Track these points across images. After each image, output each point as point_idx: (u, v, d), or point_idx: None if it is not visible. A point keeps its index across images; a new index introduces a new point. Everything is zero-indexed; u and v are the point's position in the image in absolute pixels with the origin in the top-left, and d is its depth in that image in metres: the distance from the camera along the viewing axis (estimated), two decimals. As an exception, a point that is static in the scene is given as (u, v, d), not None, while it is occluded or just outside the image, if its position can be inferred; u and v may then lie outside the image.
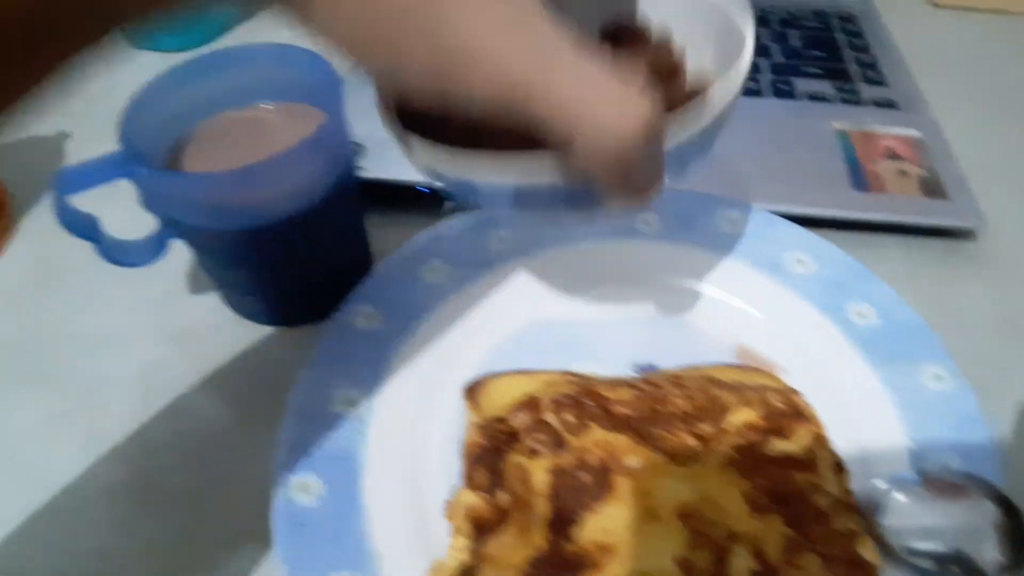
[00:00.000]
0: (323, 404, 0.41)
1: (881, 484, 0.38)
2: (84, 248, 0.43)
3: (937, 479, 0.38)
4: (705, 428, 0.38)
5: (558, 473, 0.37)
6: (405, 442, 0.40)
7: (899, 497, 0.38)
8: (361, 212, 0.49)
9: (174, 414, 0.45)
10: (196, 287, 0.51)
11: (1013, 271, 0.52)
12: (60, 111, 0.65)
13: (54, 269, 0.54)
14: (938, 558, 0.36)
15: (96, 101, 0.56)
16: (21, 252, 0.56)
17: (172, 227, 0.43)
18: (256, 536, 0.39)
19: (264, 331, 0.48)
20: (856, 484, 0.38)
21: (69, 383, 0.47)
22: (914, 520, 0.37)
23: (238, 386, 0.46)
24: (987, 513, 0.37)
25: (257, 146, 0.44)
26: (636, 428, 0.38)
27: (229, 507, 0.41)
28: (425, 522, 0.37)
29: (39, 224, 0.58)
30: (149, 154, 0.42)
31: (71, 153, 0.64)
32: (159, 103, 0.43)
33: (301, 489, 0.37)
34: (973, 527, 0.37)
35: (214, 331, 0.48)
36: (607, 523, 0.36)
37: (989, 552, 0.36)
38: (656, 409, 0.39)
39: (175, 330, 0.49)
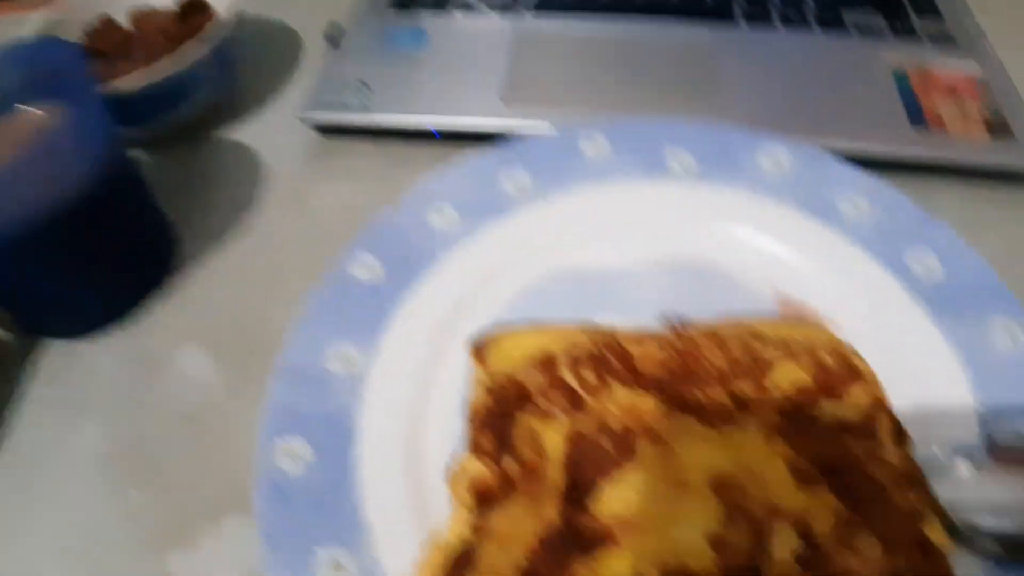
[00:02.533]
0: (315, 362, 0.37)
1: (942, 453, 0.34)
2: None
3: (1010, 450, 0.34)
4: (745, 388, 0.34)
5: (575, 438, 0.33)
6: (405, 403, 0.36)
7: (964, 468, 0.33)
8: (147, 195, 0.45)
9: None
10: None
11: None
12: None
13: None
14: (1007, 539, 0.31)
15: None
16: None
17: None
18: (241, 506, 0.36)
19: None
20: (922, 455, 0.33)
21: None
22: (981, 495, 0.32)
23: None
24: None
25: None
26: (665, 388, 0.34)
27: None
28: (424, 490, 0.34)
29: None
30: None
31: None
32: None
33: (287, 455, 0.34)
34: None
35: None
36: (628, 493, 0.31)
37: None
38: (688, 366, 0.34)
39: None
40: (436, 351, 0.38)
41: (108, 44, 0.54)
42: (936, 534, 0.30)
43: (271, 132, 0.54)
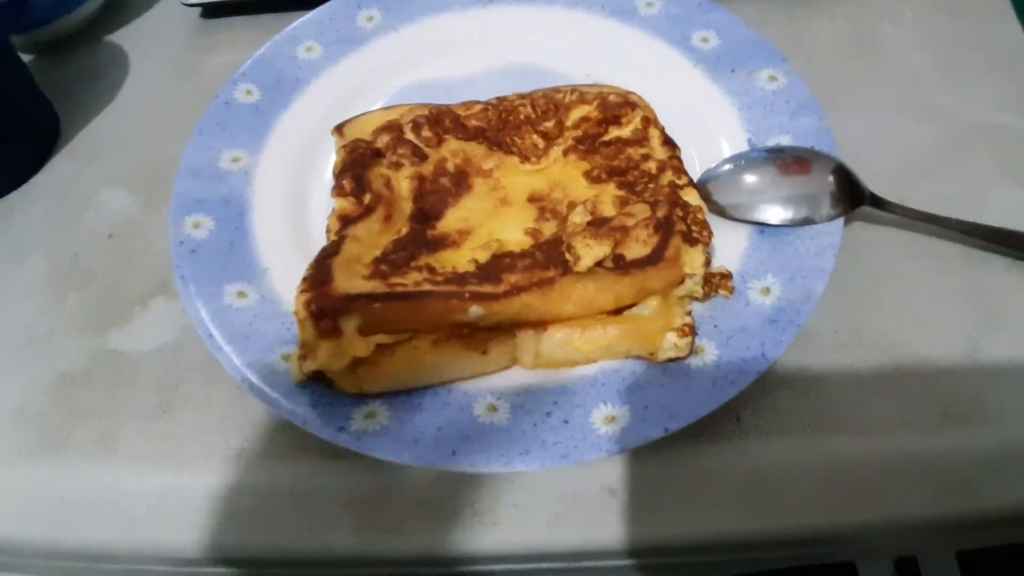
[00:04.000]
0: (210, 163, 0.44)
1: (725, 168, 0.43)
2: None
3: (781, 158, 0.43)
4: (548, 126, 0.43)
5: (419, 179, 0.41)
6: (290, 184, 0.45)
7: (741, 176, 0.42)
8: (24, 78, 0.52)
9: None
10: None
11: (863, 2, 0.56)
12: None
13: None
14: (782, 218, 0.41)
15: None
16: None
17: None
18: (165, 289, 0.44)
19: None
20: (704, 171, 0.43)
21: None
22: (756, 191, 0.42)
23: None
24: (824, 181, 0.42)
25: None
26: (488, 136, 0.43)
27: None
28: (309, 242, 0.42)
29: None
30: None
31: None
32: None
33: (193, 226, 0.42)
34: (809, 192, 0.41)
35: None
36: (464, 214, 0.40)
37: (821, 209, 0.41)
38: (505, 119, 0.43)
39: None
40: (313, 148, 0.46)
41: None
42: (691, 197, 0.39)
43: (160, 25, 0.61)
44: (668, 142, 0.42)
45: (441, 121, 0.43)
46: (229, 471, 0.38)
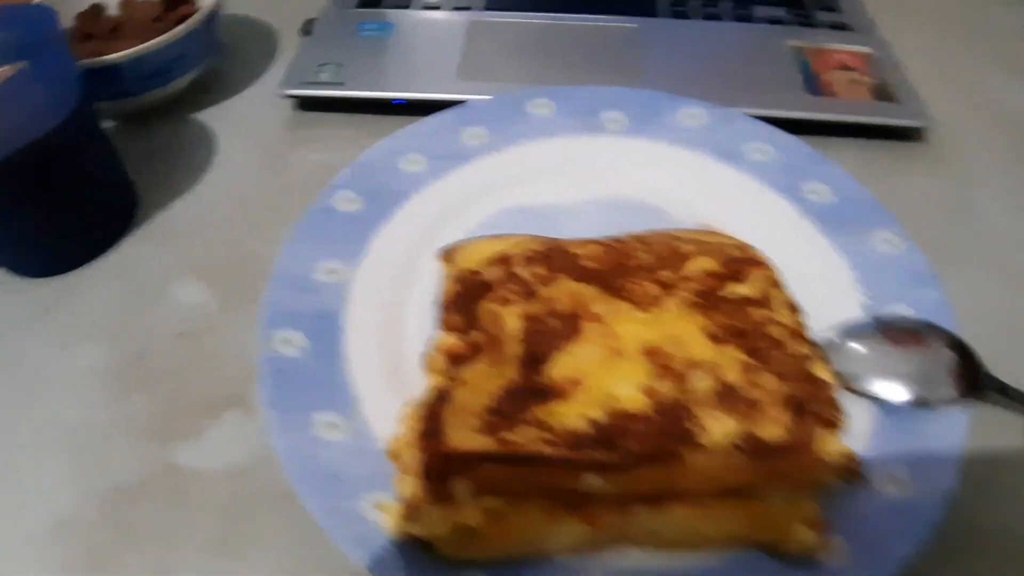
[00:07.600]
0: (305, 273, 0.42)
1: (838, 335, 0.41)
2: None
3: (895, 329, 0.41)
4: (666, 275, 0.40)
5: (529, 319, 0.39)
6: (386, 304, 0.42)
7: (856, 346, 0.40)
8: (110, 156, 0.51)
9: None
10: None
11: (960, 166, 0.55)
12: None
13: None
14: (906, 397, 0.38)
15: None
16: None
17: None
18: (239, 402, 0.41)
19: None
20: (817, 337, 0.40)
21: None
22: (872, 364, 0.40)
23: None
24: (942, 358, 0.40)
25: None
26: (603, 279, 0.40)
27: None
28: (403, 373, 0.39)
29: None
30: None
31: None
32: None
33: (284, 343, 0.39)
34: (928, 370, 0.39)
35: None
36: (575, 361, 0.38)
37: (942, 390, 0.38)
38: (621, 262, 0.41)
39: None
40: (411, 266, 0.44)
41: (97, 28, 0.59)
42: (821, 371, 0.37)
43: (251, 110, 0.60)
44: (793, 306, 0.40)
45: (554, 259, 0.41)
46: (297, 626, 0.34)
